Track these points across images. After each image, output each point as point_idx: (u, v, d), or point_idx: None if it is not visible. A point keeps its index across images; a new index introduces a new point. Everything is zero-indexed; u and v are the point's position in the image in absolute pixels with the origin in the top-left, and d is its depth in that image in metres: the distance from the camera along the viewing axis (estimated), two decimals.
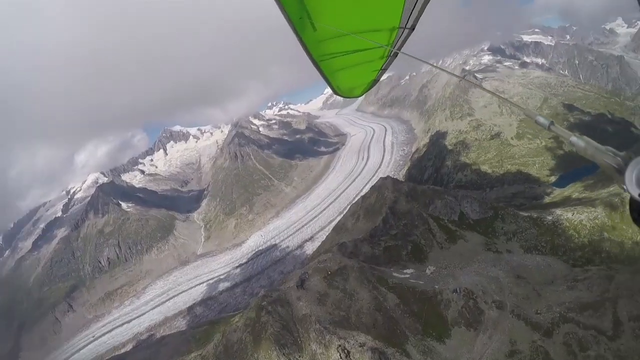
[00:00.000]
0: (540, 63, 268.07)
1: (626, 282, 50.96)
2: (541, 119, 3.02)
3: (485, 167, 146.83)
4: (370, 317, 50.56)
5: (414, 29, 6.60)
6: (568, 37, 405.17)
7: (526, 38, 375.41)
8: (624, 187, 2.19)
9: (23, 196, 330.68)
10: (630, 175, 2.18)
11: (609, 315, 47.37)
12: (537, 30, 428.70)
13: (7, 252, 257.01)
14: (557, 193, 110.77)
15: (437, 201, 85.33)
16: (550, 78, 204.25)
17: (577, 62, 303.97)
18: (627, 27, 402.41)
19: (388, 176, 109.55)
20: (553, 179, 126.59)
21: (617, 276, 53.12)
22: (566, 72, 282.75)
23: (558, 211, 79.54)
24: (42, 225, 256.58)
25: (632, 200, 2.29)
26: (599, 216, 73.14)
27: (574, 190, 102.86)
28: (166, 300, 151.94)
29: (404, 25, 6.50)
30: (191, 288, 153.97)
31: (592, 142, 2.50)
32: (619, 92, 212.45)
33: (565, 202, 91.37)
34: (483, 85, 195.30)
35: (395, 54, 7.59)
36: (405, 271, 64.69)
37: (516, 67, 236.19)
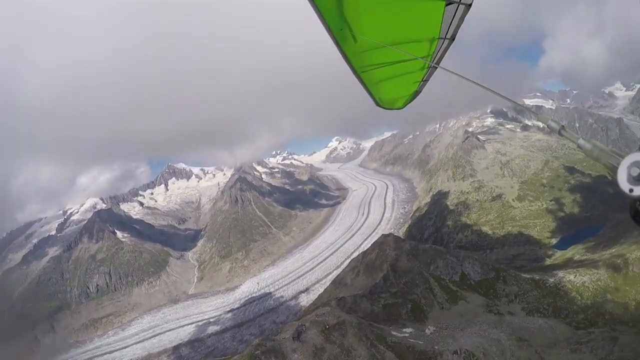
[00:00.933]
0: (541, 126, 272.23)
1: (631, 344, 50.68)
2: (552, 124, 3.16)
3: (486, 228, 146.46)
4: None
5: (454, 39, 6.69)
6: (568, 100, 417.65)
7: (528, 102, 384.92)
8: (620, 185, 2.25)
9: (22, 208, 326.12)
10: (622, 172, 2.26)
11: None
12: (538, 94, 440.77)
13: None
14: (559, 255, 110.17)
15: (438, 261, 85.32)
16: (551, 141, 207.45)
17: (577, 125, 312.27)
18: (626, 90, 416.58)
19: (390, 233, 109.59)
20: (554, 241, 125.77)
21: (621, 338, 52.82)
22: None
23: (560, 273, 79.52)
24: (34, 241, 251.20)
25: (630, 198, 2.31)
26: (601, 278, 73.07)
27: (575, 252, 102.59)
28: (152, 337, 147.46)
29: (443, 35, 6.60)
30: (179, 327, 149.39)
31: (597, 145, 2.57)
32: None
33: (567, 264, 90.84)
34: (485, 147, 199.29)
35: (435, 67, 7.61)
36: (404, 330, 63.70)
37: (518, 129, 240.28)
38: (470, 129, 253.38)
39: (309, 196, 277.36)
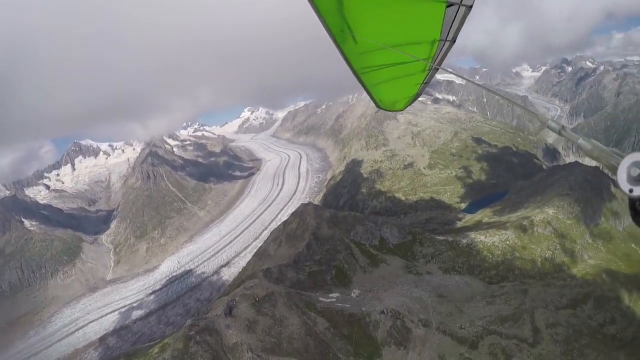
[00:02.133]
0: (451, 100, 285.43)
1: (539, 294, 56.16)
2: (553, 124, 3.11)
3: (399, 195, 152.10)
4: (301, 342, 49.68)
5: (454, 41, 6.59)
6: (477, 77, 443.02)
7: (439, 77, 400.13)
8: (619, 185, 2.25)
9: None
10: (621, 172, 2.23)
11: (528, 325, 51.57)
12: (449, 69, 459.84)
13: None
14: (469, 218, 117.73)
15: (358, 227, 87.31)
16: (460, 114, 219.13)
17: (485, 100, 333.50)
18: (532, 71, 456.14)
19: (310, 202, 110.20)
20: (463, 205, 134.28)
21: (530, 290, 58.49)
22: (475, 109, 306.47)
23: (472, 234, 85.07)
24: None
25: (629, 198, 2.31)
26: (509, 238, 79.52)
27: (483, 215, 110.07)
28: (75, 331, 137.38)
29: (444, 37, 6.51)
30: (102, 317, 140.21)
31: (598, 145, 2.59)
32: (523, 128, 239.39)
33: (477, 227, 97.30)
34: (397, 118, 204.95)
35: (437, 68, 7.61)
36: (331, 295, 64.74)
37: (429, 102, 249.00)
38: None
39: (222, 168, 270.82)
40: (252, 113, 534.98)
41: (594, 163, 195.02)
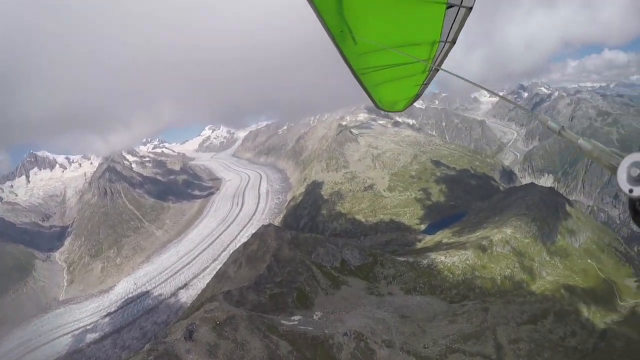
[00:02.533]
0: (411, 123, 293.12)
1: (501, 312, 57.39)
2: (552, 124, 3.13)
3: (359, 217, 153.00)
4: None
5: (455, 42, 6.57)
6: (437, 102, 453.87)
7: None
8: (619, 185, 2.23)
9: None
10: (621, 173, 2.22)
11: (491, 342, 52.47)
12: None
13: None
14: (428, 239, 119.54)
15: (319, 249, 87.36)
16: (419, 137, 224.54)
17: (444, 124, 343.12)
18: (490, 97, 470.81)
19: (270, 224, 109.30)
20: (423, 227, 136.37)
21: (491, 307, 59.70)
22: (434, 132, 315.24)
23: (432, 255, 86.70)
24: None
25: (629, 199, 2.28)
26: (469, 257, 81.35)
27: (443, 236, 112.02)
28: (25, 354, 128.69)
29: (444, 39, 6.49)
30: (54, 339, 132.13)
31: (598, 145, 2.60)
32: (481, 151, 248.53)
33: (437, 247, 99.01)
34: (358, 140, 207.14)
35: (437, 70, 7.55)
36: (293, 318, 63.78)
37: (389, 125, 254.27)
38: (344, 123, 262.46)
39: (181, 187, 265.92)
40: (213, 132, 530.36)
41: (548, 183, 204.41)
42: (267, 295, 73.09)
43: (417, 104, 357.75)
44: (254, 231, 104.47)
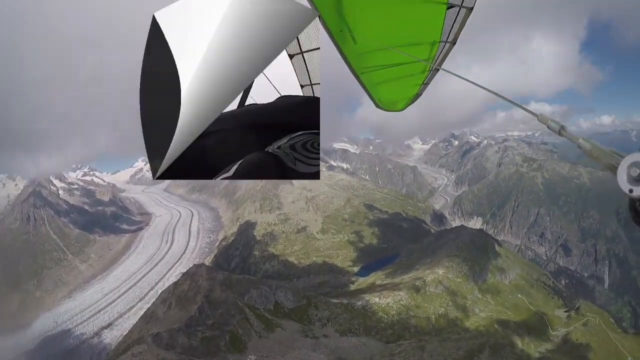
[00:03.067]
0: (345, 167, 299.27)
1: (437, 349, 59.08)
2: (552, 124, 3.13)
3: (292, 259, 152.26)
4: None
5: (455, 43, 6.68)
6: (371, 147, 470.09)
7: (335, 145, 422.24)
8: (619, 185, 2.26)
9: None
10: (621, 173, 2.24)
11: None
12: (345, 139, 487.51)
13: None
14: (362, 281, 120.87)
15: (252, 290, 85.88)
16: (353, 181, 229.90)
17: (377, 169, 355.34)
18: (422, 144, 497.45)
19: (202, 263, 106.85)
20: (356, 269, 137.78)
21: (427, 346, 61.14)
22: (367, 177, 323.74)
23: (366, 296, 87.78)
24: None
25: (629, 199, 2.32)
26: (403, 298, 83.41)
27: (376, 278, 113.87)
28: None
29: (444, 39, 6.56)
30: None
31: (597, 145, 2.61)
32: (412, 195, 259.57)
33: (371, 289, 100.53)
34: (292, 183, 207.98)
35: (437, 70, 7.63)
36: None
37: (323, 169, 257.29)
38: None
39: (109, 219, 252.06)
40: (145, 164, 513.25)
41: (478, 225, 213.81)
42: (198, 338, 69.96)
43: (352, 149, 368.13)
44: (183, 270, 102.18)
